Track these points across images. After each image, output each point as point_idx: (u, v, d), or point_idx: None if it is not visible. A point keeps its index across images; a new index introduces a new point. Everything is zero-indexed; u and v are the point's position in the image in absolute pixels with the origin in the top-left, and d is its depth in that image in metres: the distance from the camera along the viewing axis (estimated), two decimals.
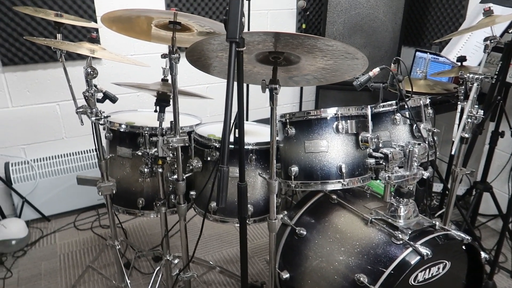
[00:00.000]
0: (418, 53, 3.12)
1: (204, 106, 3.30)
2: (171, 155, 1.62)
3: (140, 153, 1.79)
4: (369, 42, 3.12)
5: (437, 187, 3.11)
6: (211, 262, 2.20)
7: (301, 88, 3.58)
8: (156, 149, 1.74)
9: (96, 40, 1.70)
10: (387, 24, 3.06)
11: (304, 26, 3.39)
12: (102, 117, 1.81)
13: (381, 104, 1.73)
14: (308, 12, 3.38)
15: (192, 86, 3.16)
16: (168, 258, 1.86)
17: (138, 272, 2.28)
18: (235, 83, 1.11)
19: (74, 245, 2.57)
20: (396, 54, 3.13)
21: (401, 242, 1.43)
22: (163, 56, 1.45)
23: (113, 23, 1.55)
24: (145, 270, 2.29)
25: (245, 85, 2.76)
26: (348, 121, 1.54)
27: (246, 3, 3.07)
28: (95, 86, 1.81)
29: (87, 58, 1.70)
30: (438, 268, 1.47)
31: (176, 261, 1.85)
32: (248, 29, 2.90)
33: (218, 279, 2.23)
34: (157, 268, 1.92)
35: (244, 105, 3.22)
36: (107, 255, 2.43)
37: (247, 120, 3.25)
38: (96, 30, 2.72)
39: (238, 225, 1.82)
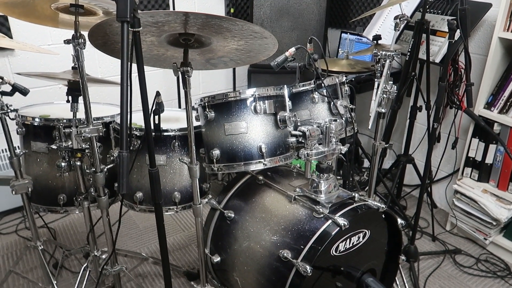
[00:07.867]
0: (343, 35, 3.22)
1: (133, 96, 3.18)
2: (85, 146, 1.54)
3: (55, 147, 1.69)
4: (297, 25, 3.16)
5: (368, 163, 3.27)
6: (143, 254, 2.14)
7: (234, 74, 3.56)
8: (71, 142, 1.65)
9: None
10: (312, 6, 3.11)
11: (232, 10, 3.35)
12: (9, 110, 1.69)
13: (300, 83, 1.76)
14: None
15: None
16: (95, 253, 1.79)
17: (69, 271, 2.18)
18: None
19: None
20: (322, 36, 3.20)
21: (322, 215, 1.48)
22: (66, 41, 1.37)
23: (8, 8, 1.42)
24: (76, 269, 2.19)
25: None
26: (266, 101, 1.54)
27: None
28: (1, 78, 1.69)
29: None
30: (359, 237, 1.54)
31: (104, 256, 1.79)
32: None
33: (153, 270, 2.19)
34: (84, 265, 1.84)
35: (175, 92, 3.18)
36: (34, 258, 2.30)
37: (179, 107, 3.19)
38: (5, 17, 2.52)
39: (167, 213, 1.82)
